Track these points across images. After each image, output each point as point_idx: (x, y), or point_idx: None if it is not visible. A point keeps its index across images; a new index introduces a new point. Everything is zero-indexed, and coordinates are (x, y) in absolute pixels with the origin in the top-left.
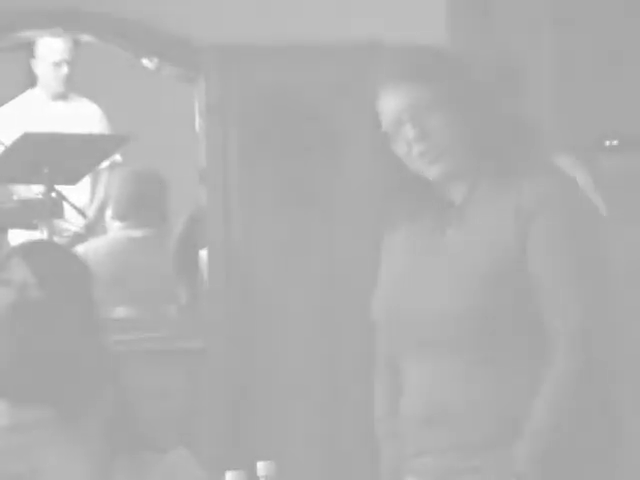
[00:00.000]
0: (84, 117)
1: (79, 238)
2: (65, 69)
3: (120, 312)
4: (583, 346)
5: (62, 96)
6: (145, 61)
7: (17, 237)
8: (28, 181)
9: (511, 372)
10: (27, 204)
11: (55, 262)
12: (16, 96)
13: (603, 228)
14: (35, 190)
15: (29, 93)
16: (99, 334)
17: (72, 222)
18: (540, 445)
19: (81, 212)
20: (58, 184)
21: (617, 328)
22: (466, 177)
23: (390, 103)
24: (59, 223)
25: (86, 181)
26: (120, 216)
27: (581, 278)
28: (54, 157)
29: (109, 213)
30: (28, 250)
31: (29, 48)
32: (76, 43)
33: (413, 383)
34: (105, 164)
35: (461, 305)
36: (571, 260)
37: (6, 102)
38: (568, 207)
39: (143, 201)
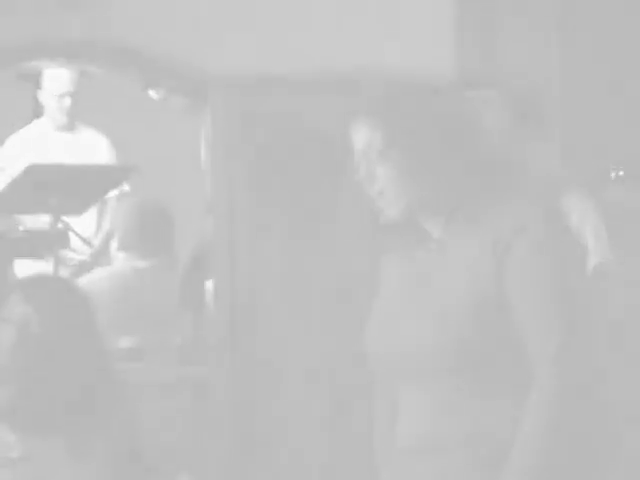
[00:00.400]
0: (91, 147)
1: (85, 267)
2: (68, 101)
3: (125, 342)
4: (561, 375)
5: (68, 127)
6: (151, 92)
7: (23, 267)
8: (34, 211)
9: (497, 399)
10: (33, 234)
11: (55, 297)
12: (23, 127)
13: (583, 258)
14: (41, 220)
15: (36, 124)
16: (104, 365)
17: (78, 252)
18: (526, 470)
19: (87, 242)
20: (64, 214)
21: (600, 356)
22: (433, 216)
23: (354, 143)
24: (65, 253)
25: (92, 211)
26: (126, 247)
27: (559, 308)
28: (60, 188)
29: (115, 244)
30: (28, 286)
31: (35, 79)
32: (82, 74)
33: (402, 412)
34: (111, 194)
35: (444, 336)
36: (548, 290)
37: (13, 132)
38: (545, 237)
39: (149, 232)
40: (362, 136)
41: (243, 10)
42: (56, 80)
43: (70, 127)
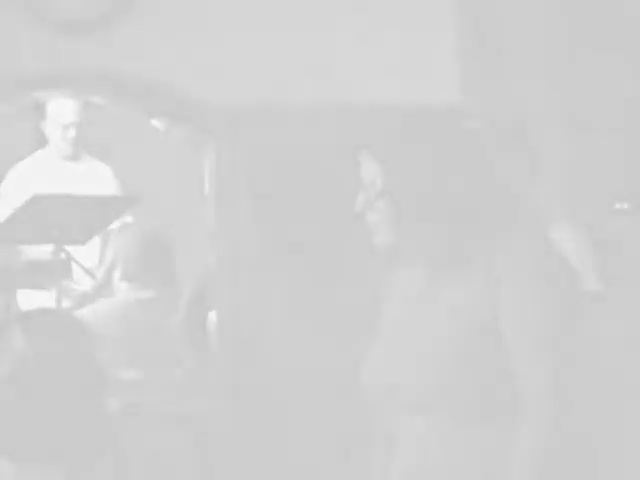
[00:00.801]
0: (94, 178)
1: (87, 298)
2: (73, 132)
3: (126, 374)
4: (553, 406)
5: (72, 157)
6: (155, 122)
7: (26, 297)
8: (37, 242)
9: (491, 432)
10: (36, 265)
11: (55, 332)
12: (27, 156)
13: (576, 292)
14: (44, 251)
15: (39, 153)
16: (98, 399)
17: (81, 283)
18: None
19: (90, 273)
20: (67, 245)
21: (591, 388)
22: (429, 251)
23: (360, 174)
24: (68, 284)
25: (95, 242)
26: (128, 277)
27: (551, 341)
28: (63, 218)
29: (118, 274)
30: (28, 320)
31: (40, 109)
32: (86, 104)
33: (399, 444)
34: (115, 225)
35: (440, 369)
36: (541, 323)
37: (17, 163)
38: (537, 271)
39: (152, 262)
40: (365, 168)
41: (248, 41)
42: (61, 110)
43: (74, 157)
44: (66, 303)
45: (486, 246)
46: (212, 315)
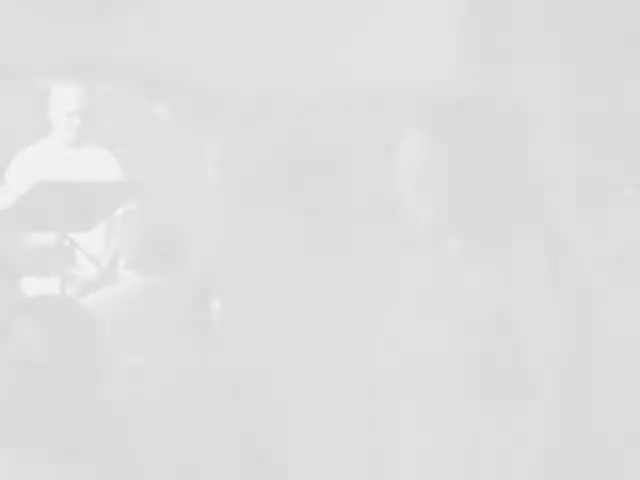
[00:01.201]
0: (98, 165)
1: (92, 285)
2: (78, 119)
3: (130, 361)
4: (563, 398)
5: (76, 145)
6: (159, 109)
7: (30, 285)
8: (41, 229)
9: (503, 415)
10: (40, 252)
11: (60, 319)
12: (31, 144)
13: (588, 282)
14: (48, 238)
15: (44, 141)
16: (101, 386)
17: (85, 270)
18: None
19: (94, 260)
20: (71, 232)
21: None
22: (459, 234)
23: (401, 154)
24: (72, 271)
25: (100, 229)
26: (133, 265)
27: (564, 323)
28: (67, 205)
29: (122, 262)
30: (33, 306)
31: (44, 97)
32: (91, 91)
33: (407, 423)
34: (119, 212)
35: (455, 348)
36: (554, 306)
37: (21, 150)
38: (551, 259)
39: (156, 250)
40: (413, 149)
41: (253, 29)
42: (65, 98)
43: (78, 145)
44: (70, 290)
45: (510, 235)
46: (216, 303)
